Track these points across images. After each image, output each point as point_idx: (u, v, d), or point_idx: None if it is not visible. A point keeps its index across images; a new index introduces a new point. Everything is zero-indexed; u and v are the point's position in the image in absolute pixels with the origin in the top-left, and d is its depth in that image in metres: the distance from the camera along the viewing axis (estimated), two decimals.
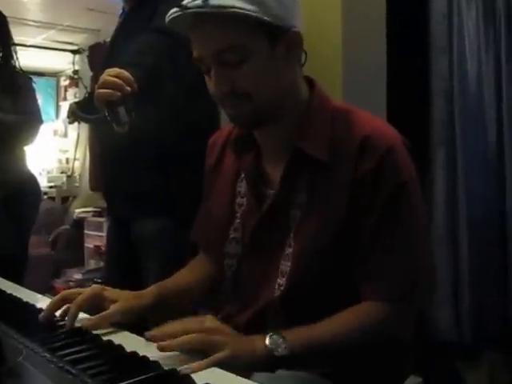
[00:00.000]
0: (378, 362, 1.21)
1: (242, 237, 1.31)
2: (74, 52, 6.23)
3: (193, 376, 0.92)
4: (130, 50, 1.88)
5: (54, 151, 6.72)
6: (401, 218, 1.17)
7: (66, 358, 0.98)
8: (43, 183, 5.81)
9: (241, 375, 0.94)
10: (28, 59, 5.69)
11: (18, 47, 3.22)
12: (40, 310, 1.26)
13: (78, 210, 5.61)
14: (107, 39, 4.02)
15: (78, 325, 1.17)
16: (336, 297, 1.18)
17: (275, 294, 1.21)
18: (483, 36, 2.91)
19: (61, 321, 1.21)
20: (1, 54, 3.10)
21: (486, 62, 2.90)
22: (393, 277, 1.17)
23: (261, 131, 1.27)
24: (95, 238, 5.27)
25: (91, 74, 5.53)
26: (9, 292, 1.51)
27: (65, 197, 6.33)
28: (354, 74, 2.40)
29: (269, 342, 1.06)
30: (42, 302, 1.34)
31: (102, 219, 5.08)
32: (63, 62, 6.44)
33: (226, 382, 0.94)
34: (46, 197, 5.77)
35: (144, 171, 1.97)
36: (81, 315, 1.21)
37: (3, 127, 2.93)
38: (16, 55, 3.14)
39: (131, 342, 1.08)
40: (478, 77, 2.91)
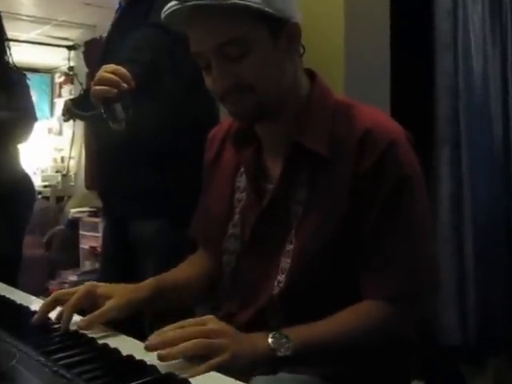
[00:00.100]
0: (381, 363, 1.20)
1: (241, 233, 1.31)
2: (70, 48, 6.22)
3: (191, 380, 0.91)
4: (127, 46, 1.88)
5: (48, 149, 6.72)
6: (403, 214, 1.17)
7: (60, 362, 0.97)
8: (37, 182, 5.80)
9: (240, 379, 0.93)
10: (22, 55, 5.68)
11: (11, 43, 3.21)
12: (34, 312, 1.25)
13: (73, 210, 5.61)
14: (103, 35, 4.03)
15: (73, 327, 1.17)
16: (336, 294, 1.18)
17: (274, 292, 1.21)
18: (489, 31, 2.91)
19: (55, 323, 1.20)
20: None
21: (492, 58, 2.91)
22: (394, 274, 1.17)
23: (262, 125, 1.27)
24: (91, 239, 5.27)
25: (87, 71, 5.53)
26: (2, 294, 1.51)
27: (59, 196, 6.33)
28: (357, 71, 2.40)
29: (271, 342, 1.06)
30: (36, 304, 1.34)
31: (98, 219, 5.07)
32: (58, 58, 6.44)
33: None
34: (40, 196, 5.77)
35: (141, 170, 1.97)
36: (75, 317, 1.20)
37: None
38: (9, 51, 3.13)
39: (127, 345, 1.08)
40: (484, 73, 2.91)
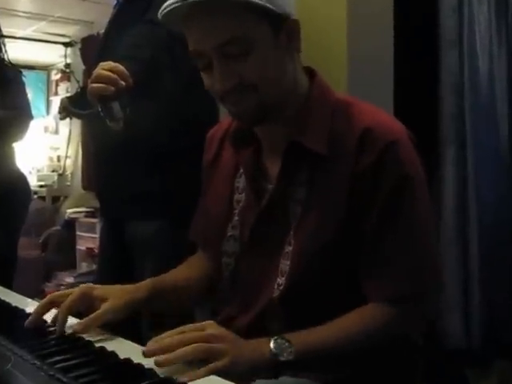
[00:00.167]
0: (385, 367, 1.20)
1: (240, 234, 1.31)
2: (66, 44, 6.22)
3: None
4: (125, 43, 1.88)
5: (44, 148, 6.71)
6: (404, 214, 1.17)
7: (56, 366, 0.97)
8: (33, 182, 5.80)
9: (240, 383, 0.93)
10: (17, 52, 5.67)
11: (6, 39, 3.22)
12: (30, 315, 1.25)
13: (69, 211, 5.61)
14: (101, 31, 4.02)
15: (69, 331, 1.17)
16: (338, 296, 1.18)
17: (274, 295, 1.21)
18: (495, 29, 2.91)
19: (51, 326, 1.20)
20: None
21: (498, 56, 2.91)
22: (397, 276, 1.17)
23: (261, 125, 1.27)
24: (87, 240, 5.26)
25: (84, 68, 5.52)
26: None
27: (56, 196, 6.32)
28: (360, 69, 2.39)
29: (273, 347, 1.06)
30: (32, 306, 1.33)
31: (95, 220, 5.07)
32: (54, 55, 6.44)
33: None
34: (35, 196, 5.76)
35: (139, 169, 1.97)
36: (71, 320, 1.20)
37: None
38: (5, 48, 3.14)
39: (125, 348, 1.08)
40: (490, 71, 2.92)
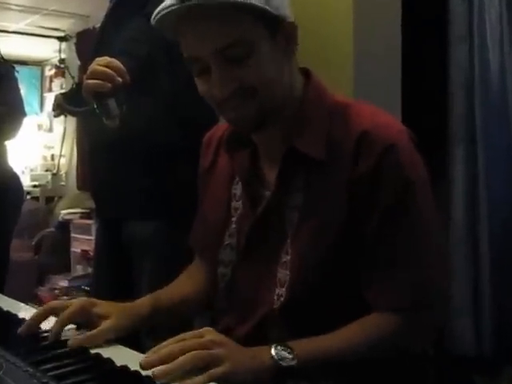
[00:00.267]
0: (394, 378, 1.20)
1: (237, 243, 1.31)
2: (61, 39, 6.22)
3: None
4: (122, 38, 1.87)
5: (37, 147, 6.71)
6: (406, 221, 1.16)
7: (50, 373, 0.97)
8: (26, 182, 5.81)
9: None
10: (10, 46, 5.68)
11: None
12: (22, 320, 1.26)
13: (63, 212, 5.61)
14: (97, 25, 4.02)
15: (64, 337, 1.17)
16: (340, 305, 1.18)
17: (275, 306, 1.21)
18: (506, 21, 2.91)
19: (45, 332, 1.20)
20: None
21: (510, 50, 2.90)
22: (401, 284, 1.17)
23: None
24: (83, 242, 5.26)
25: (79, 64, 5.53)
26: None
27: (50, 197, 6.32)
28: (367, 65, 2.39)
29: (275, 353, 1.06)
30: (25, 311, 1.34)
31: (91, 221, 5.07)
32: (48, 50, 6.44)
33: None
34: (29, 197, 5.77)
35: (136, 169, 1.97)
36: (68, 327, 1.20)
37: None
38: None
39: (122, 355, 1.08)
40: (501, 66, 2.91)
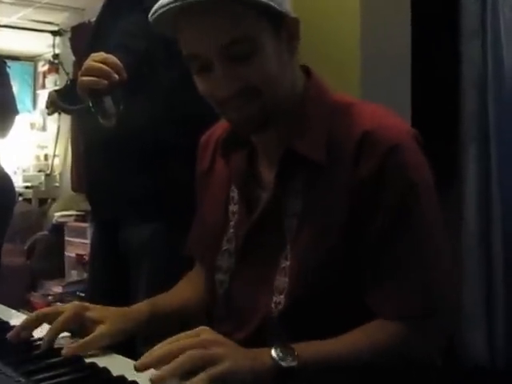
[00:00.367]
0: None
1: (235, 249, 1.31)
2: (55, 33, 6.23)
3: None
4: (119, 32, 1.88)
5: (30, 147, 6.72)
6: (410, 226, 1.16)
7: (43, 383, 0.97)
8: (18, 183, 5.82)
9: None
10: (1, 41, 5.70)
11: None
12: (14, 327, 1.25)
13: (57, 214, 5.61)
14: (92, 19, 4.02)
15: (57, 345, 1.17)
16: (341, 313, 1.18)
17: (273, 314, 1.21)
18: None
19: (37, 340, 1.20)
20: None
21: None
22: (405, 291, 1.16)
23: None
24: (77, 246, 5.27)
25: (74, 59, 5.54)
26: None
27: (43, 198, 6.33)
28: (375, 62, 2.38)
29: (275, 354, 1.05)
30: (17, 318, 1.34)
31: (86, 224, 5.08)
32: (42, 45, 6.45)
33: None
34: (21, 198, 5.78)
35: (134, 169, 1.97)
36: (61, 335, 1.20)
37: None
38: None
39: (118, 364, 1.08)
40: None
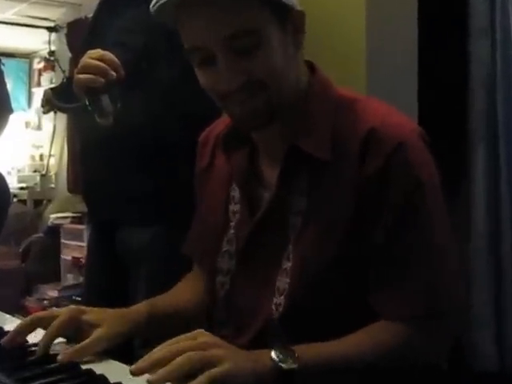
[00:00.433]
0: None
1: (236, 250, 1.32)
2: (50, 29, 6.24)
3: None
4: (117, 28, 1.88)
5: (25, 146, 6.72)
6: (415, 225, 1.17)
7: None
8: (13, 184, 5.82)
9: None
10: None
11: None
12: (8, 333, 1.25)
13: (53, 216, 5.62)
14: (89, 15, 4.02)
15: (53, 351, 1.17)
16: (344, 315, 1.18)
17: (274, 316, 1.21)
18: None
19: (32, 346, 1.20)
20: None
21: None
22: (411, 291, 1.17)
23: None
24: (74, 249, 5.27)
25: (70, 56, 5.54)
26: None
27: (38, 200, 6.34)
28: (380, 61, 2.39)
29: (275, 356, 1.05)
30: (11, 323, 1.34)
31: (82, 226, 5.08)
32: (37, 41, 6.45)
33: None
34: (15, 200, 5.78)
35: (132, 170, 1.96)
36: (56, 340, 1.20)
37: None
38: None
39: (115, 370, 1.08)
40: None
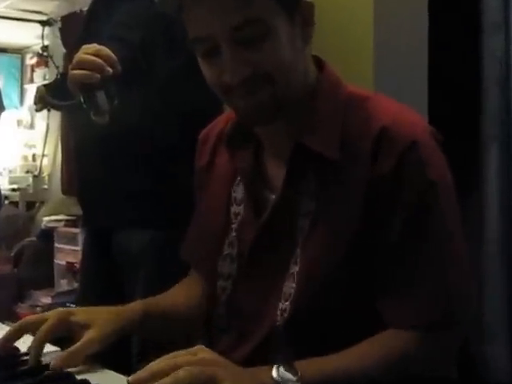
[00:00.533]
0: None
1: (238, 253, 1.31)
2: (44, 23, 6.23)
3: None
4: (113, 22, 1.88)
5: (17, 146, 6.73)
6: (429, 228, 1.17)
7: None
8: (4, 185, 5.83)
9: None
10: None
11: None
12: None
13: (46, 219, 5.62)
14: (84, 8, 4.03)
15: (45, 359, 1.17)
16: (351, 322, 1.18)
17: (278, 322, 1.21)
18: None
19: (24, 355, 1.20)
20: None
21: None
22: (421, 299, 1.17)
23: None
24: (68, 253, 5.27)
25: (64, 51, 5.54)
26: None
27: (31, 202, 6.34)
28: (389, 58, 2.39)
29: (276, 375, 1.05)
30: (3, 331, 1.34)
31: (77, 230, 5.08)
32: (30, 36, 6.46)
33: None
34: (7, 202, 5.79)
35: (129, 170, 1.97)
36: (48, 348, 1.20)
37: None
38: None
39: (111, 380, 1.08)
40: None
